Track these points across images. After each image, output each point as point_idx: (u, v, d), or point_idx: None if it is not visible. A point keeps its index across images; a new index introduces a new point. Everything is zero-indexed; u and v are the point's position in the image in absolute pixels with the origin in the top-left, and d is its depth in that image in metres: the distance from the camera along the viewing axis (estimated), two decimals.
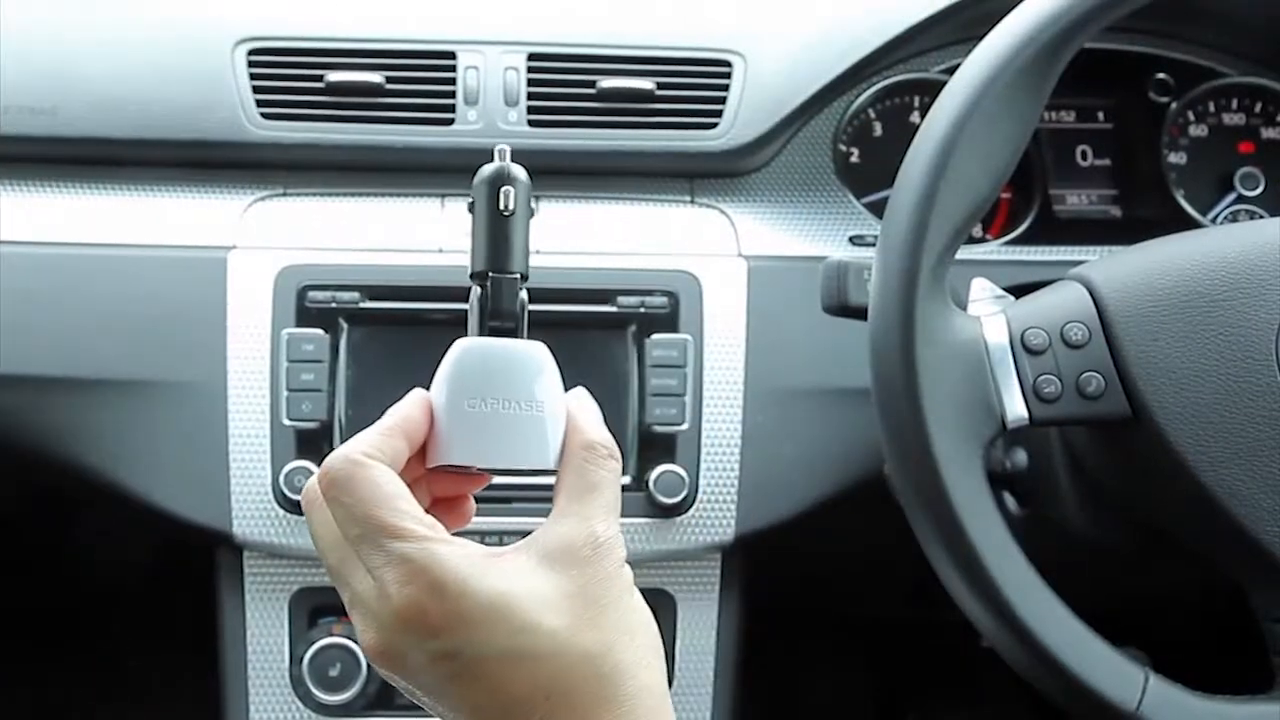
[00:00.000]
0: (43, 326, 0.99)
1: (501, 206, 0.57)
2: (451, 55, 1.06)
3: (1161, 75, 1.14)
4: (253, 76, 1.04)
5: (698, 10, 1.12)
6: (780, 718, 1.41)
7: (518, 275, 0.58)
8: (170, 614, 1.31)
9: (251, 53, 1.05)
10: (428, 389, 0.57)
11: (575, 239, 1.04)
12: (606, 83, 1.05)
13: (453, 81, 1.06)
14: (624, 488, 0.57)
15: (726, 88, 1.06)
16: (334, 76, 1.04)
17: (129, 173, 1.05)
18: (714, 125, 1.06)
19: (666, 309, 1.01)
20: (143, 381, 0.99)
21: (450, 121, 1.05)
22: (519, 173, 0.58)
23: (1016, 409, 0.74)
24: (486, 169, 0.58)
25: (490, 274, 0.57)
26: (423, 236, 1.03)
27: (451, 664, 0.51)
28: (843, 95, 1.10)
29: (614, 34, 1.08)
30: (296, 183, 1.05)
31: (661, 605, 1.04)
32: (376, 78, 1.04)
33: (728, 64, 1.07)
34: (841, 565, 1.26)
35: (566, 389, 0.58)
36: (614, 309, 1.01)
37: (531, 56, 1.06)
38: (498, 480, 0.60)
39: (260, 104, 1.04)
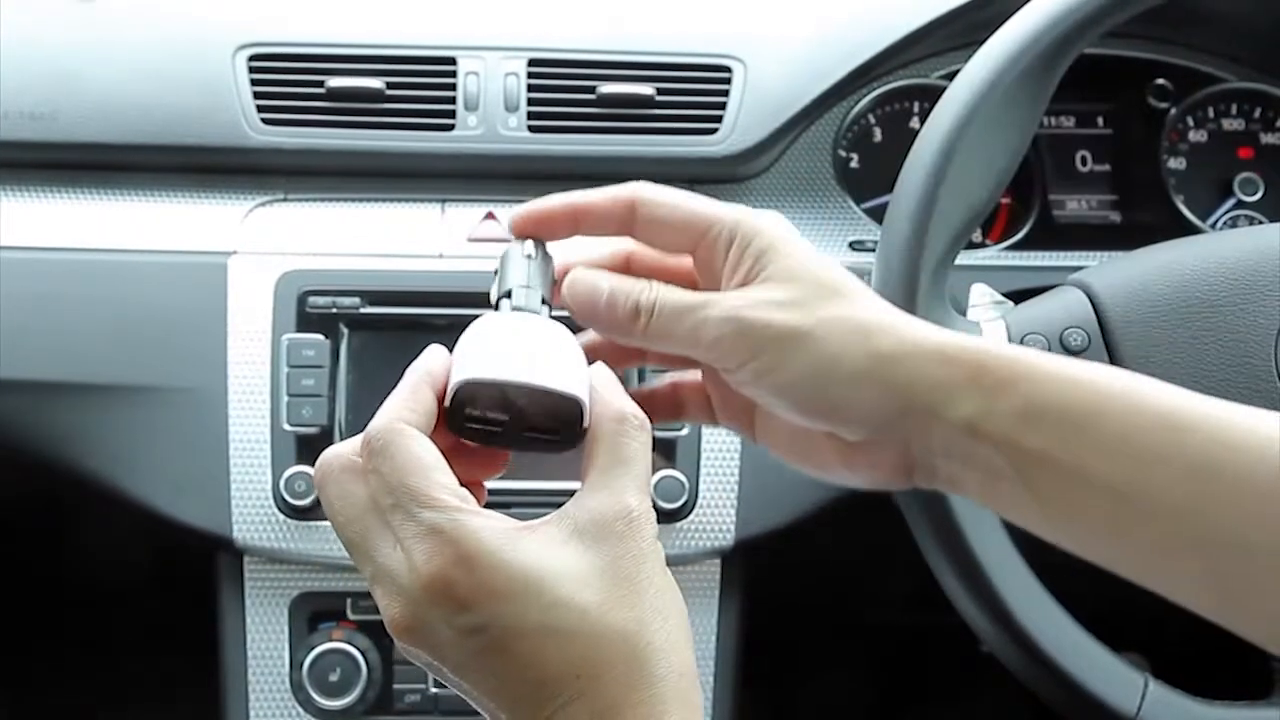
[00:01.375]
0: (43, 331, 0.99)
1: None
2: (452, 61, 1.06)
3: (1160, 81, 1.14)
4: (253, 82, 1.04)
5: (698, 16, 1.12)
6: None
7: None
8: (170, 619, 1.30)
9: (252, 58, 1.05)
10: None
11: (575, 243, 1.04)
12: (606, 88, 1.05)
13: (453, 87, 1.06)
14: None
15: (726, 93, 1.06)
16: (335, 82, 1.04)
17: (129, 178, 1.05)
18: (714, 131, 1.06)
19: None
20: (143, 387, 0.99)
21: (451, 127, 1.05)
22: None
23: None
24: None
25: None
26: (423, 242, 1.03)
27: (480, 638, 0.49)
28: (843, 101, 1.10)
29: (614, 39, 1.08)
30: (297, 188, 1.05)
31: None
32: (377, 83, 1.04)
33: (728, 69, 1.07)
34: (841, 570, 1.25)
35: None
36: None
37: (532, 62, 1.06)
38: (520, 485, 0.59)
39: (261, 109, 1.04)
